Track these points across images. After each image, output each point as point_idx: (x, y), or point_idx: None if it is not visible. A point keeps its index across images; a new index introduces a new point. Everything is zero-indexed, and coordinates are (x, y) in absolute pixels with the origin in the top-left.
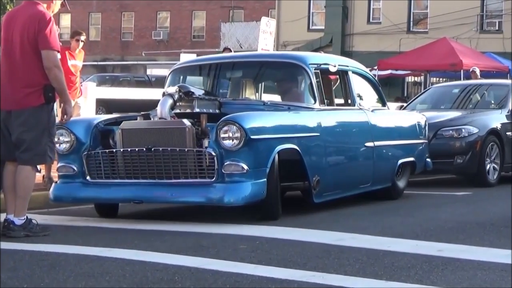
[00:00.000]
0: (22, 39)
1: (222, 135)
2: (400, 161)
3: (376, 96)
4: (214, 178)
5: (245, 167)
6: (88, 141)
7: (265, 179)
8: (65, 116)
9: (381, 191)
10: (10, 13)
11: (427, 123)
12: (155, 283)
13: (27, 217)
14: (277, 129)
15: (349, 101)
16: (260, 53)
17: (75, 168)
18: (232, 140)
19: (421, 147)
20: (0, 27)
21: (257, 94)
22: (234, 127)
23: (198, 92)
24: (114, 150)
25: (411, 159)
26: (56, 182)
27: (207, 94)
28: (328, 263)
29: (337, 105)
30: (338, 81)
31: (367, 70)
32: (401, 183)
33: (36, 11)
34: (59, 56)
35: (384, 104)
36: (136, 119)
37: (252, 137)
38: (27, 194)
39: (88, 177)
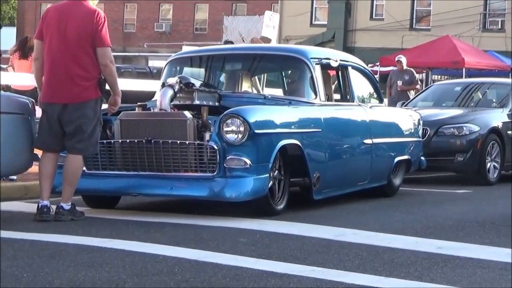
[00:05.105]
0: (80, 37)
1: (226, 129)
2: (396, 159)
3: (373, 92)
4: (216, 173)
5: (248, 162)
6: None
7: (268, 175)
8: (112, 107)
9: (377, 189)
10: (58, 9)
11: (421, 121)
12: (154, 274)
13: (71, 202)
14: (280, 123)
15: (348, 97)
16: (261, 46)
17: None
18: (236, 134)
19: (416, 145)
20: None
21: (257, 87)
22: (238, 120)
23: (198, 83)
24: (112, 141)
25: (407, 157)
26: None
27: (206, 86)
28: (328, 258)
29: (336, 100)
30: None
31: (365, 65)
32: (396, 181)
33: (91, 10)
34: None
35: (381, 101)
36: (134, 110)
37: (256, 131)
38: (77, 181)
39: (84, 168)
